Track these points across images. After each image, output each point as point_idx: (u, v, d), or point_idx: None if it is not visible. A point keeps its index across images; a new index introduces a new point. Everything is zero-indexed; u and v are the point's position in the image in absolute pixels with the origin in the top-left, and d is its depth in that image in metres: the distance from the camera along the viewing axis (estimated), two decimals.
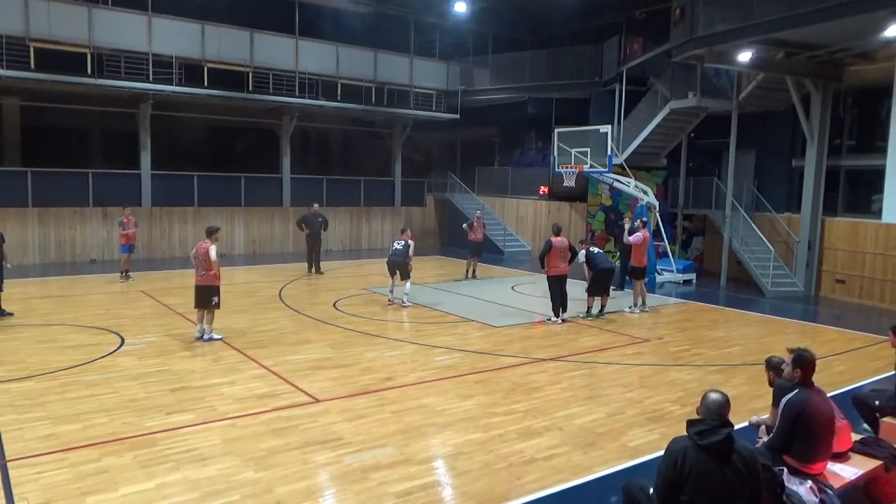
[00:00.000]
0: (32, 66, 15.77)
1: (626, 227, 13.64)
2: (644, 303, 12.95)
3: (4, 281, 11.02)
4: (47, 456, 5.59)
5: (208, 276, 9.56)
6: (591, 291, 12.11)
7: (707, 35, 13.95)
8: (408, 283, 12.81)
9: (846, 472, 4.89)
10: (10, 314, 10.94)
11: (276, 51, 19.49)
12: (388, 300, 12.94)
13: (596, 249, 12.33)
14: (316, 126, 24.14)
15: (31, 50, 15.74)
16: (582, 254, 11.97)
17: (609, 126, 17.08)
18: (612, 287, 12.79)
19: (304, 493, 5.10)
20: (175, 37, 17.81)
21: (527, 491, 5.25)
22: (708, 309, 13.74)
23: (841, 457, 5.03)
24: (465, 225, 17.23)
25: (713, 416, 3.73)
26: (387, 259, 12.96)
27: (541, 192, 23.04)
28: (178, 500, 4.90)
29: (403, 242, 12.86)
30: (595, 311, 12.21)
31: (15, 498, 4.85)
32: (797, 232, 15.94)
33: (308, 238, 16.70)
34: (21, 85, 16.73)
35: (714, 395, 3.83)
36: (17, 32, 15.57)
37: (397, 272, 12.75)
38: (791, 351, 4.94)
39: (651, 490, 3.98)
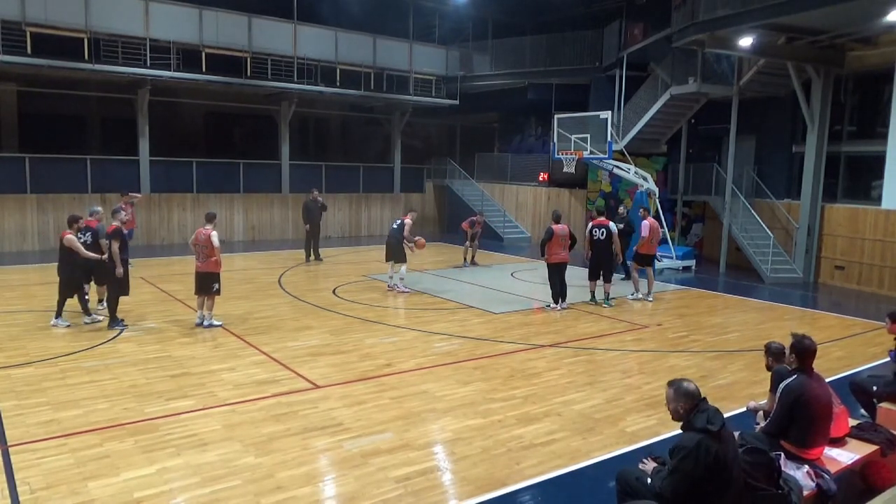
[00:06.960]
0: (29, 51, 15.67)
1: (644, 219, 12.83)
2: (649, 292, 12.70)
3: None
4: (48, 441, 5.62)
5: (209, 263, 9.55)
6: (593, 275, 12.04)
7: (708, 20, 13.85)
8: (403, 268, 12.76)
9: (843, 456, 4.92)
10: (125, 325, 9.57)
11: (275, 36, 19.37)
12: (388, 286, 12.96)
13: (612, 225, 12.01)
14: (315, 112, 24.05)
15: (28, 35, 15.63)
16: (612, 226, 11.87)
17: (609, 112, 17.00)
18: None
19: (304, 478, 5.13)
20: (173, 22, 17.70)
21: (525, 476, 5.28)
22: (707, 295, 13.76)
23: (838, 442, 5.07)
24: (464, 224, 16.50)
25: (698, 400, 3.89)
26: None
27: (540, 179, 22.99)
28: (179, 485, 4.93)
29: (399, 222, 12.81)
30: (599, 297, 12.14)
31: (17, 482, 4.89)
32: (797, 218, 15.92)
33: (309, 226, 16.61)
34: (18, 70, 16.61)
35: (689, 384, 3.95)
36: (13, 17, 15.45)
37: (392, 256, 12.70)
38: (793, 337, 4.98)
39: (648, 480, 4.02)
